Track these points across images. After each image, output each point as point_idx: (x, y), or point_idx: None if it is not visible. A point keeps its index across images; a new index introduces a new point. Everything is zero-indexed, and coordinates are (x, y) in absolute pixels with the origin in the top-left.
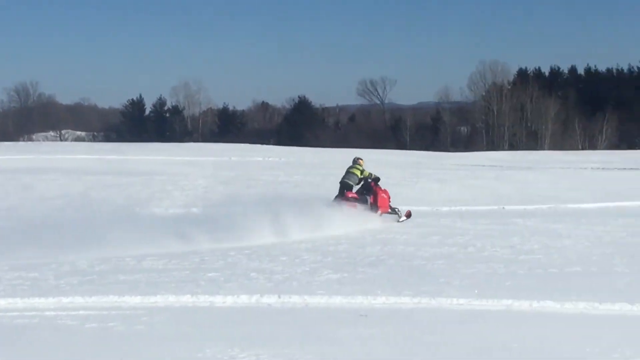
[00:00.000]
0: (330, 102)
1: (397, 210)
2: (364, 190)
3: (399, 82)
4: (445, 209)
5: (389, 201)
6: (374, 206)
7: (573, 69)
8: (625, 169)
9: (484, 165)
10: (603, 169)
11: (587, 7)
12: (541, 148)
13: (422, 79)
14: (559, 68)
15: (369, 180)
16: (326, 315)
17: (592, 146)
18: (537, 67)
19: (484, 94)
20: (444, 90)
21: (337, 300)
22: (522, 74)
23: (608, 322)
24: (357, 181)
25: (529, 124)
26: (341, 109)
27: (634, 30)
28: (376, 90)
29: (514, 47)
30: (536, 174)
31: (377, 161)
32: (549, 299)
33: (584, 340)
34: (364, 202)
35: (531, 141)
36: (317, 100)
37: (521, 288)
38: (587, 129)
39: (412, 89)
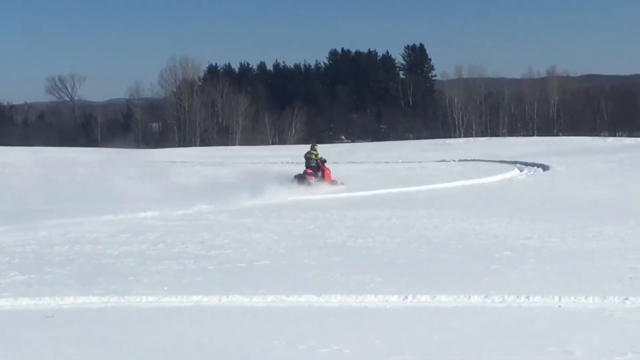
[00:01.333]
0: (18, 99)
1: (335, 181)
2: (315, 168)
3: (89, 79)
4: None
5: (331, 176)
6: (322, 179)
7: (262, 65)
8: None
9: (175, 162)
10: (292, 162)
11: (275, 4)
12: (232, 143)
13: (112, 75)
14: (248, 64)
15: (318, 161)
16: (12, 319)
17: (282, 141)
18: (227, 63)
19: (175, 90)
20: (134, 87)
21: (24, 303)
22: (212, 70)
23: (295, 314)
24: (314, 162)
25: (220, 120)
26: (30, 106)
27: (321, 27)
28: (65, 87)
29: (203, 43)
30: (227, 170)
31: (67, 159)
32: (237, 293)
33: (271, 332)
34: (316, 176)
35: (223, 137)
36: (4, 97)
37: (211, 283)
38: (277, 123)
39: (102, 86)
